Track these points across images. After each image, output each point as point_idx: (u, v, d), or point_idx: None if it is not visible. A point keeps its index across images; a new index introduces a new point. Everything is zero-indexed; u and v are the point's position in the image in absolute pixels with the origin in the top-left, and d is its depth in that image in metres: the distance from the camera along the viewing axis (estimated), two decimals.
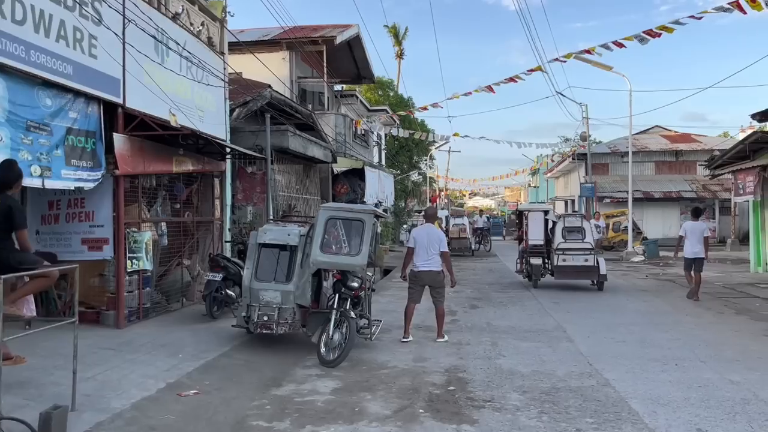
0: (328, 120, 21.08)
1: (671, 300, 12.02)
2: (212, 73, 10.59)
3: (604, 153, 34.10)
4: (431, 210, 9.06)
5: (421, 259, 8.23)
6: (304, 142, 14.09)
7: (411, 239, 8.31)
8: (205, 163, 10.50)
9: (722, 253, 24.99)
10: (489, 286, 14.32)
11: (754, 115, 14.28)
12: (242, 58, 16.64)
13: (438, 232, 8.59)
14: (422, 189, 55.37)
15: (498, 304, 11.52)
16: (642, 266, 19.79)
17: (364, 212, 7.38)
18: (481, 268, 19.38)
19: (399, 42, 55.17)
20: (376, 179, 22.56)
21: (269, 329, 7.32)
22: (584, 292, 13.30)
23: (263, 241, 7.56)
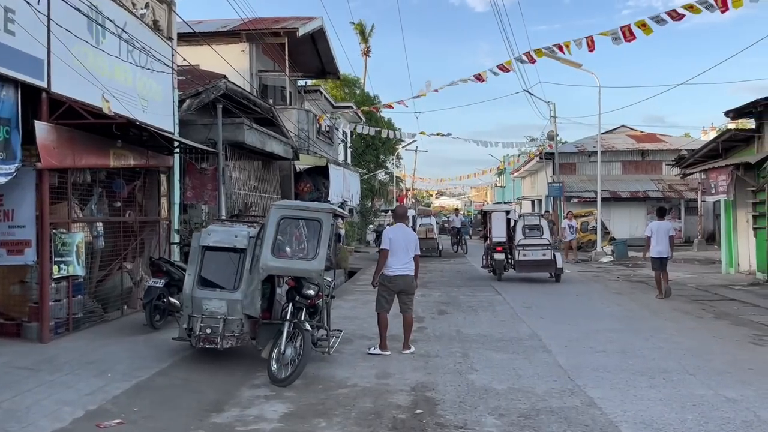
0: (290, 115, 20.21)
1: (647, 303, 11.52)
2: (158, 60, 9.66)
3: (572, 152, 33.89)
4: (401, 209, 8.30)
5: (399, 262, 7.46)
6: (261, 137, 13.21)
7: (386, 240, 7.46)
8: (150, 157, 9.57)
9: (689, 253, 24.87)
10: (458, 290, 13.66)
11: (728, 112, 13.92)
12: (200, 50, 15.69)
13: (413, 232, 7.92)
14: (389, 188, 54.72)
15: (468, 310, 10.84)
16: (612, 267, 19.42)
17: (321, 211, 6.60)
18: (449, 270, 18.75)
19: (365, 39, 54.42)
20: (341, 177, 21.77)
21: (213, 343, 6.48)
22: (556, 295, 12.74)
23: (207, 243, 6.71)
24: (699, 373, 6.44)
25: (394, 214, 8.25)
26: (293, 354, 6.20)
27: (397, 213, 8.16)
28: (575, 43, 12.37)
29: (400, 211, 8.12)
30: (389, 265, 7.42)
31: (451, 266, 20.14)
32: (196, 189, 10.94)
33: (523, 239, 15.20)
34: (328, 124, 23.17)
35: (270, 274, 6.60)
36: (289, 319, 6.36)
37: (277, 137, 14.49)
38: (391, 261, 7.40)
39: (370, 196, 47.45)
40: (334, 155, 24.72)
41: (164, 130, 9.75)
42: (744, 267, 15.34)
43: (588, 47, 12.14)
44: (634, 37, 12.11)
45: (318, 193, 21.64)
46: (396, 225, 7.74)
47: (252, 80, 19.96)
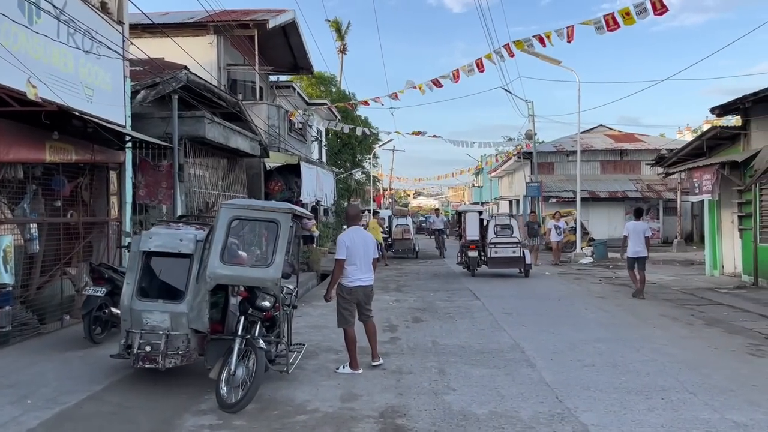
0: (260, 111, 19.35)
1: (632, 308, 10.92)
2: (105, 45, 8.77)
3: (550, 152, 33.45)
4: (353, 209, 7.35)
5: (359, 272, 6.69)
6: (225, 132, 12.36)
7: (342, 248, 6.59)
8: (96, 152, 8.69)
9: (669, 254, 24.52)
10: (434, 294, 12.95)
11: (714, 108, 13.42)
12: (165, 43, 14.85)
13: (370, 235, 7.11)
14: (366, 188, 53.97)
15: (445, 316, 10.13)
16: (592, 269, 18.88)
17: (278, 211, 5.81)
18: (425, 272, 18.04)
19: (341, 36, 53.57)
20: (314, 176, 20.95)
21: (154, 362, 5.66)
22: (537, 300, 12.10)
23: (148, 248, 5.89)
24: (700, 392, 5.79)
25: (346, 216, 7.23)
26: (245, 375, 5.42)
27: (349, 214, 7.14)
28: (556, 33, 11.75)
29: (353, 212, 7.18)
30: (349, 275, 6.64)
31: (428, 268, 19.44)
32: (149, 187, 10.06)
33: (494, 238, 16.57)
34: (300, 120, 22.33)
35: (220, 284, 5.80)
36: (241, 334, 5.58)
37: (243, 133, 13.64)
38: (351, 270, 6.63)
39: (346, 195, 46.68)
40: (308, 153, 23.89)
41: (112, 122, 8.88)
42: (728, 269, 14.87)
43: (568, 37, 11.53)
44: (617, 26, 11.74)
45: (290, 192, 20.81)
46: (351, 229, 6.83)
47: (220, 74, 19.06)
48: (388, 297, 12.39)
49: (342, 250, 6.59)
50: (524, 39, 12.46)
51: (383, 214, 25.89)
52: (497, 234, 16.61)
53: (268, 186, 19.80)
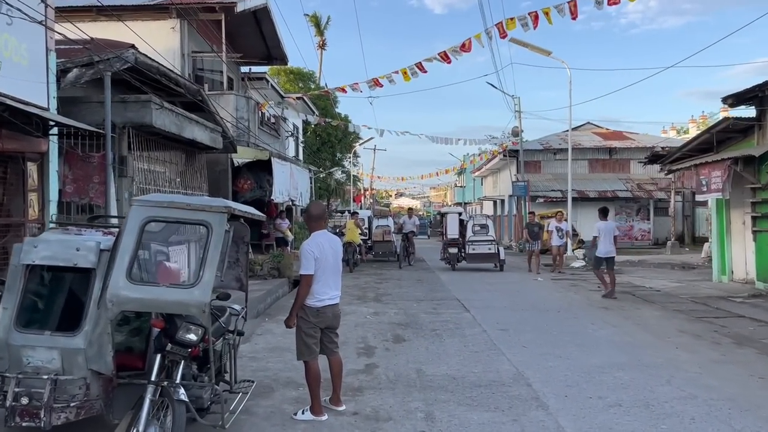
0: (227, 102, 17.74)
1: (644, 322, 9.56)
2: (16, 8, 7.16)
3: (537, 150, 32.18)
4: (317, 207, 5.57)
5: (328, 288, 5.22)
6: (179, 120, 10.77)
7: (309, 260, 5.06)
8: (4, 138, 7.08)
9: (663, 257, 23.33)
10: (418, 305, 11.48)
11: (727, 98, 12.13)
12: (121, 27, 13.28)
13: (337, 239, 5.61)
14: (346, 188, 52.44)
15: (431, 334, 8.65)
16: (586, 274, 17.51)
17: (209, 210, 4.26)
18: (407, 278, 16.56)
19: (320, 32, 51.96)
20: (287, 174, 19.39)
21: (35, 418, 4.10)
22: (535, 312, 10.68)
23: (32, 260, 4.32)
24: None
25: (308, 216, 5.48)
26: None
27: (312, 215, 5.39)
28: (557, 10, 10.36)
29: (317, 211, 5.44)
30: (316, 293, 5.14)
31: (410, 273, 17.97)
32: (78, 182, 8.45)
33: (472, 236, 18.51)
34: (273, 113, 20.75)
35: (126, 310, 4.26)
36: (155, 380, 4.06)
37: (202, 123, 12.05)
38: (319, 288, 5.14)
39: (326, 195, 45.14)
40: (281, 149, 22.30)
41: (29, 103, 7.28)
42: (739, 275, 13.60)
43: (571, 14, 10.16)
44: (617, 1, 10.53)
45: (261, 191, 19.24)
46: (318, 234, 5.25)
47: (183, 63, 17.42)
48: (366, 309, 10.91)
49: (309, 263, 5.07)
50: (519, 16, 11.03)
51: (363, 215, 24.34)
52: (475, 233, 18.59)
53: (236, 184, 18.24)
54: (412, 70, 13.46)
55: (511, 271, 18.30)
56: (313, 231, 5.31)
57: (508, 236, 34.77)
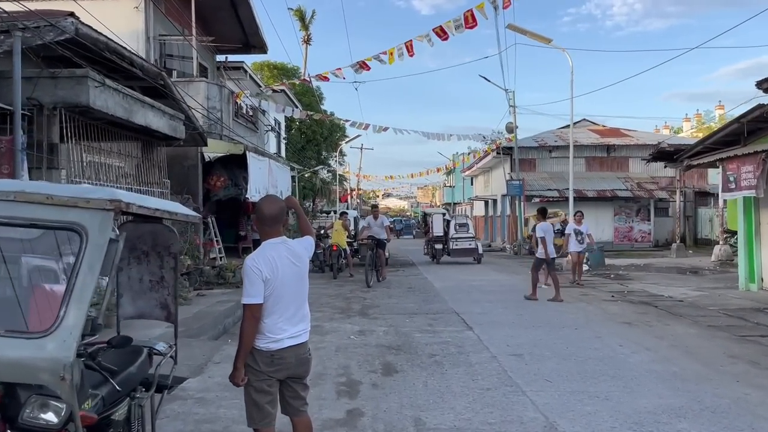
0: (198, 90, 16.03)
1: (682, 343, 8.00)
2: None
3: (531, 147, 30.68)
4: (270, 205, 3.67)
5: (291, 323, 3.60)
6: (127, 103, 9.06)
7: (254, 283, 3.43)
8: None
9: (668, 260, 21.90)
10: (411, 319, 9.85)
11: (761, 82, 10.62)
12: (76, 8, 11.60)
13: (304, 245, 3.80)
14: (332, 187, 50.76)
15: (429, 362, 7.02)
16: (593, 279, 16.00)
17: (83, 206, 2.60)
18: (397, 285, 14.93)
19: (305, 26, 50.24)
20: (265, 170, 17.67)
21: None
22: (549, 329, 9.08)
23: None
24: None
25: (259, 217, 3.64)
26: None
27: (265, 215, 3.61)
28: None
29: (270, 210, 3.62)
30: (268, 330, 3.52)
31: (401, 279, 16.34)
32: None
33: (455, 234, 21.52)
34: (250, 104, 19.04)
35: None
36: None
37: (159, 108, 10.34)
38: (272, 323, 3.52)
39: (311, 195, 43.45)
40: (260, 144, 20.59)
41: None
42: None
43: None
44: None
45: (236, 189, 17.55)
46: (268, 245, 3.59)
47: (149, 46, 15.69)
48: (350, 326, 9.26)
49: (255, 287, 3.44)
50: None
51: (349, 215, 22.63)
52: (457, 231, 21.63)
53: (207, 181, 16.53)
54: (399, 51, 11.85)
55: (510, 276, 16.75)
56: (265, 238, 3.65)
57: (501, 238, 33.26)
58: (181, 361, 4.11)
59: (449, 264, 21.19)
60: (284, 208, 3.74)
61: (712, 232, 27.65)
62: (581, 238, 14.32)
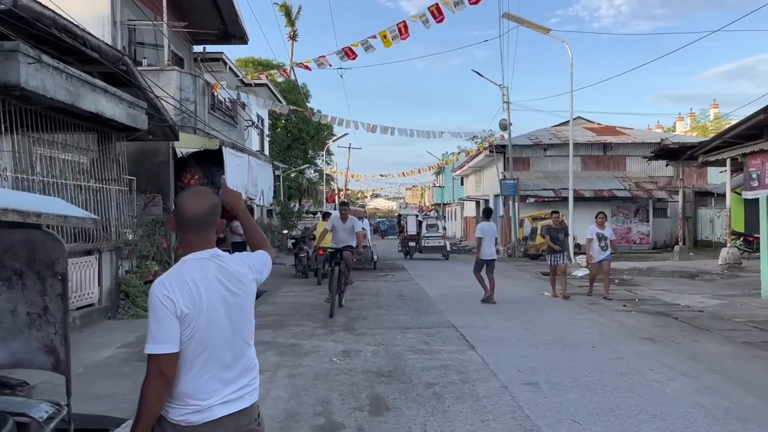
0: (169, 79, 14.72)
1: (721, 365, 6.84)
2: None
3: (525, 145, 29.60)
4: (195, 201, 2.34)
5: (220, 380, 2.29)
6: (71, 84, 7.75)
7: (162, 321, 2.18)
8: None
9: (671, 263, 20.84)
10: (403, 335, 8.62)
11: None
12: None
13: (244, 264, 2.46)
14: (319, 188, 49.46)
15: (427, 394, 5.79)
16: (597, 286, 14.84)
17: None
18: (386, 293, 13.70)
19: (291, 22, 49.04)
20: (244, 167, 16.37)
21: None
22: (562, 347, 7.88)
23: None
24: None
25: (177, 216, 2.34)
26: None
27: (184, 215, 2.33)
28: None
29: (194, 209, 2.33)
30: (187, 391, 2.24)
31: (390, 286, 15.12)
32: None
33: (426, 233, 24.73)
34: (228, 97, 17.75)
35: None
36: None
37: (115, 94, 9.03)
38: (195, 380, 2.25)
39: (297, 195, 42.16)
40: (239, 140, 19.28)
41: None
42: None
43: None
44: None
45: (213, 187, 16.16)
46: (189, 260, 2.33)
47: (116, 32, 14.38)
48: (332, 345, 8.01)
49: (164, 328, 2.20)
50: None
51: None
52: (428, 230, 24.90)
53: (180, 179, 15.19)
54: (393, 33, 10.61)
55: (508, 281, 15.60)
56: (187, 250, 2.39)
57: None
58: (115, 401, 2.84)
59: (441, 268, 20.06)
60: (217, 206, 2.48)
61: (713, 233, 26.70)
62: (605, 244, 12.32)
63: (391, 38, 10.76)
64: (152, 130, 12.10)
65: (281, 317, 10.17)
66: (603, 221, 12.55)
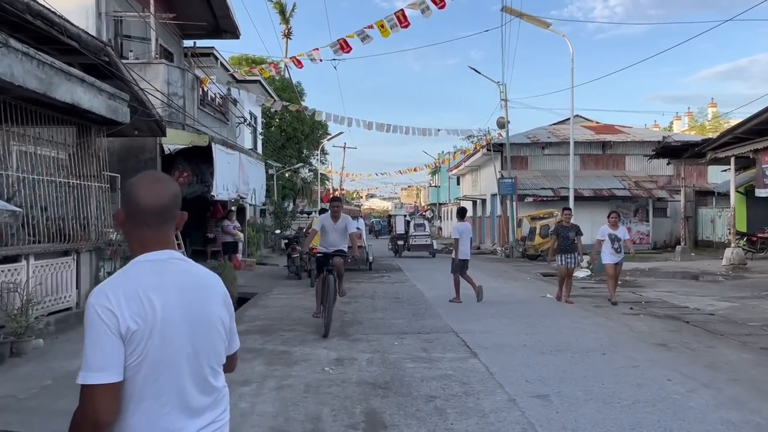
0: (156, 73, 14.19)
1: (743, 374, 6.35)
2: None
3: (523, 144, 29.13)
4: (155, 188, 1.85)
5: (181, 411, 1.78)
6: (42, 72, 7.19)
7: (100, 341, 1.66)
8: None
9: (673, 263, 20.38)
10: (400, 342, 8.10)
11: None
12: None
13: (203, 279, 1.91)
14: (313, 187, 48.89)
15: (427, 409, 5.26)
16: (598, 287, 14.40)
17: None
18: (382, 295, 13.19)
19: (286, 20, 48.45)
20: (235, 164, 15.86)
21: None
22: (570, 354, 7.37)
23: None
24: None
25: (131, 210, 1.84)
26: None
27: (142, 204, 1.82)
28: None
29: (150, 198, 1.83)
30: (137, 428, 1.71)
31: (386, 288, 14.60)
32: None
33: (414, 232, 26.36)
34: (219, 92, 17.20)
35: None
36: None
37: (93, 84, 8.47)
38: (147, 414, 1.73)
39: (291, 195, 41.59)
40: (231, 137, 18.73)
41: None
42: None
43: None
44: None
45: (203, 186, 15.68)
46: (141, 262, 1.82)
47: (101, 24, 13.84)
48: (325, 352, 7.48)
49: (102, 351, 1.68)
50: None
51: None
52: (415, 230, 26.61)
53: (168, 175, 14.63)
54: (391, 22, 10.08)
55: (508, 282, 15.13)
56: (138, 251, 1.86)
57: (491, 240, 31.66)
58: None
59: (438, 269, 19.49)
60: (178, 196, 1.96)
61: (714, 233, 26.28)
62: (618, 246, 11.33)
63: (389, 27, 10.23)
64: (138, 125, 11.58)
65: (272, 321, 9.65)
66: (616, 221, 11.62)
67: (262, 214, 30.26)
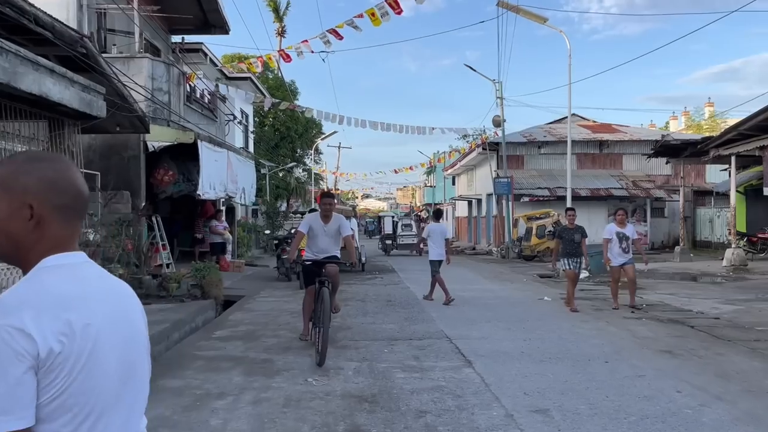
0: (140, 68, 13.68)
1: (758, 386, 5.91)
2: None
3: (519, 143, 28.71)
4: (76, 174, 1.42)
5: None
6: (5, 60, 6.70)
7: (14, 375, 1.18)
8: None
9: (672, 264, 19.97)
10: (390, 349, 7.63)
11: None
12: None
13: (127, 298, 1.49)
14: (307, 187, 48.41)
15: (418, 426, 4.81)
16: (597, 289, 13.99)
17: None
18: (373, 297, 12.73)
19: (280, 18, 47.87)
20: (223, 163, 15.37)
21: None
22: (571, 362, 6.91)
23: None
24: None
25: (57, 196, 1.37)
26: None
27: (71, 189, 1.41)
28: None
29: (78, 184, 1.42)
30: None
31: (378, 290, 14.13)
32: None
33: (401, 232, 29.07)
34: (207, 89, 16.71)
35: None
36: None
37: (65, 75, 7.97)
38: None
39: (285, 195, 41.08)
40: (219, 135, 18.24)
41: None
42: None
43: None
44: None
45: (189, 184, 15.22)
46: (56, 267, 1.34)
47: (82, 16, 13.32)
48: (309, 361, 7.01)
49: (15, 389, 1.18)
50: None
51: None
52: (403, 230, 29.31)
53: (153, 175, 14.19)
54: (382, 10, 9.63)
55: (503, 284, 14.69)
56: (50, 250, 1.40)
57: (487, 240, 31.22)
58: None
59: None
60: (84, 196, 1.49)
61: (713, 233, 25.92)
62: (626, 246, 10.68)
63: (380, 15, 9.78)
64: (120, 121, 11.09)
65: (255, 327, 9.18)
66: (623, 218, 10.90)
67: (254, 214, 29.76)
